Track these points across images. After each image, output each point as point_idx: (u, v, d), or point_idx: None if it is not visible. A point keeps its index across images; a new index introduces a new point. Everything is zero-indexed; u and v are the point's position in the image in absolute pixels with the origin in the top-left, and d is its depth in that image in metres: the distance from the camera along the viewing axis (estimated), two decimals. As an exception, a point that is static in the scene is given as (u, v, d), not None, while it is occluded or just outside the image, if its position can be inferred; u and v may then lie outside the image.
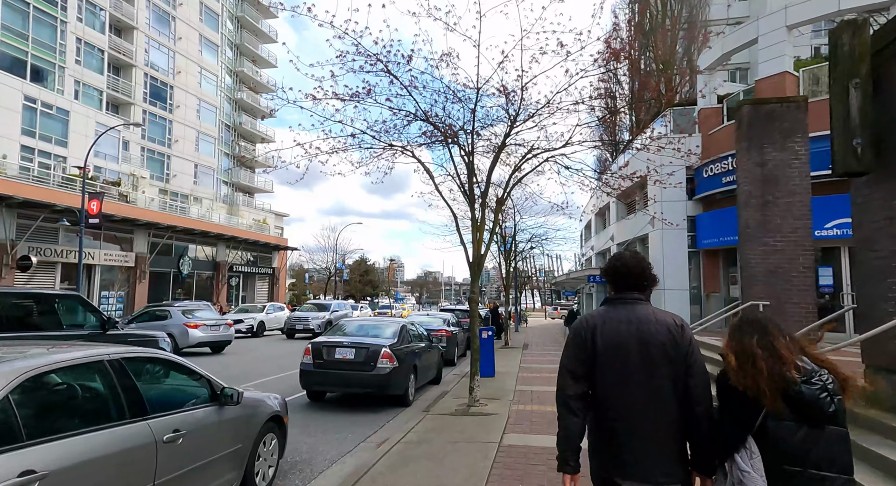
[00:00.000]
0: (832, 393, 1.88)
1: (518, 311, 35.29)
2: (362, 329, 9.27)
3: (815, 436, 1.86)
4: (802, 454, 1.85)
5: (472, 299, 8.20)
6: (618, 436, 2.12)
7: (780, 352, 1.92)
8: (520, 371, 12.48)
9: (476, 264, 8.13)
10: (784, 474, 1.86)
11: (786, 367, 1.88)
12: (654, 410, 2.07)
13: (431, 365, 10.58)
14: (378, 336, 8.90)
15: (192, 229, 32.12)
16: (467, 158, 7.76)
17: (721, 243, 15.87)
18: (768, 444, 1.90)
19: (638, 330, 2.13)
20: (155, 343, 9.90)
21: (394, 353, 8.24)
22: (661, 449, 2.07)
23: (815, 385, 1.87)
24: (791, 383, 1.86)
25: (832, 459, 1.85)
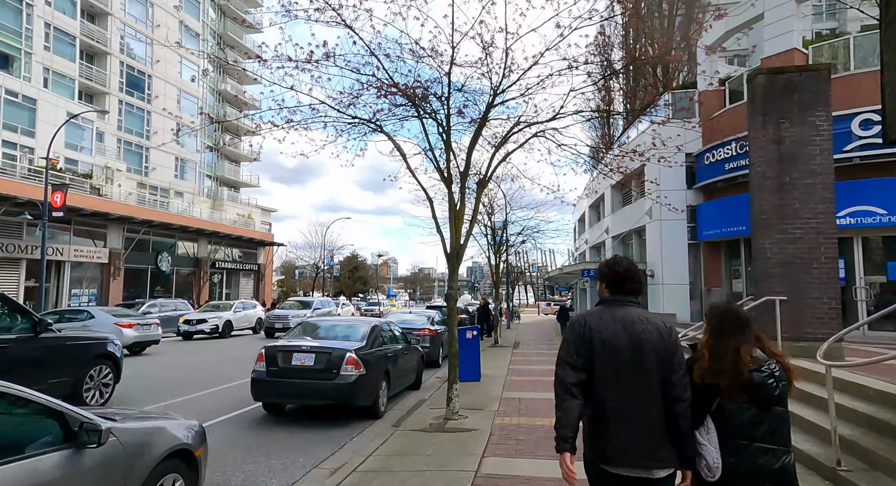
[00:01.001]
0: (778, 379, 2.29)
1: (510, 307, 34.30)
2: (327, 331, 8.17)
3: (762, 416, 2.26)
4: (751, 430, 2.26)
5: (449, 296, 7.13)
6: (611, 426, 2.31)
7: (744, 355, 2.27)
8: (508, 374, 11.44)
9: (454, 255, 7.05)
10: (736, 447, 2.27)
11: (743, 364, 2.25)
12: (644, 403, 2.29)
13: (409, 369, 9.51)
14: (344, 339, 7.81)
15: (171, 224, 30.81)
16: (443, 128, 6.66)
17: (723, 233, 14.89)
18: (723, 422, 2.29)
19: (632, 331, 2.34)
20: (102, 346, 8.51)
21: (361, 358, 7.16)
22: (650, 438, 2.28)
23: (764, 373, 2.28)
24: (745, 374, 2.24)
25: (775, 434, 2.27)
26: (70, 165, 28.83)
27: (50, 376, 6.97)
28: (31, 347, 6.80)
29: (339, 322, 8.53)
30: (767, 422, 2.26)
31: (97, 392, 7.84)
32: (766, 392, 2.26)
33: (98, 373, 7.91)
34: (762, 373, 2.27)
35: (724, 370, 2.26)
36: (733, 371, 2.25)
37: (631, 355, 2.32)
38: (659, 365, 2.31)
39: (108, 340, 8.53)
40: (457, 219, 7.08)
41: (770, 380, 2.27)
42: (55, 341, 7.30)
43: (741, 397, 2.26)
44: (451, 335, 7.10)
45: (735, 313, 2.46)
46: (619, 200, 21.97)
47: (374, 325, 8.34)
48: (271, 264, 45.86)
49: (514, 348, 17.43)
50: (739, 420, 2.27)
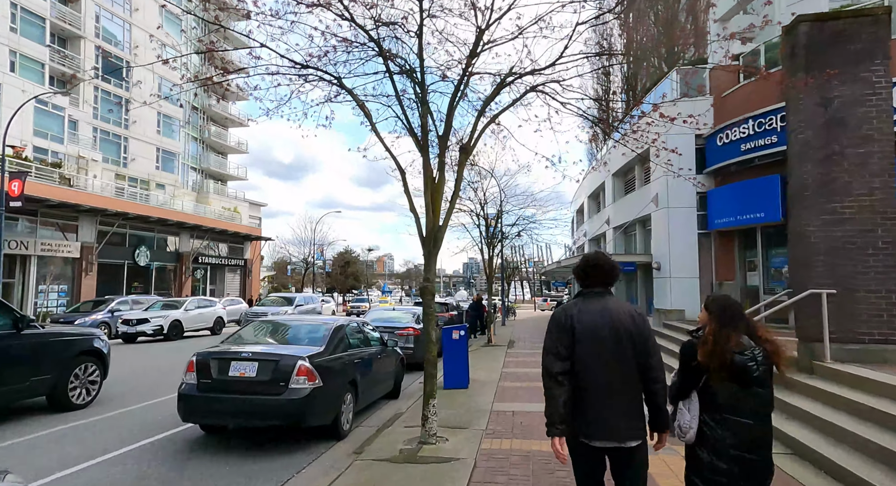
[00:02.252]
0: (759, 363, 2.55)
1: (505, 303, 32.96)
2: (281, 333, 6.77)
3: (742, 394, 2.54)
4: (732, 405, 2.55)
5: (424, 290, 5.74)
6: (593, 404, 2.60)
7: (732, 339, 2.56)
8: (501, 379, 10.08)
9: (431, 239, 5.67)
10: (719, 420, 2.56)
11: (729, 347, 2.54)
12: (622, 382, 2.61)
13: (385, 376, 8.15)
14: (300, 343, 6.43)
15: (148, 217, 29.29)
16: (415, 75, 5.27)
17: (738, 222, 13.56)
18: (708, 397, 2.61)
19: (609, 318, 2.66)
20: (88, 342, 7.82)
21: (317, 366, 5.77)
22: (626, 413, 2.60)
23: (746, 357, 2.55)
24: (728, 357, 2.53)
25: (755, 411, 2.54)
26: (40, 154, 27.22)
27: (32, 373, 6.82)
28: (11, 344, 6.60)
29: (297, 322, 7.12)
30: (746, 400, 2.53)
31: (83, 391, 7.62)
32: (745, 374, 2.53)
33: (83, 371, 7.64)
34: (744, 357, 2.54)
35: (720, 353, 2.53)
36: (721, 355, 2.52)
37: (610, 340, 2.61)
38: (635, 349, 2.61)
39: (94, 336, 8.10)
40: (434, 195, 5.70)
41: (751, 363, 2.53)
42: (38, 338, 7.02)
43: (724, 376, 2.53)
44: (427, 338, 5.72)
45: (734, 306, 2.70)
46: (621, 189, 20.62)
47: (339, 325, 6.94)
48: (259, 259, 44.35)
49: (508, 348, 16.08)
50: (723, 397, 2.55)
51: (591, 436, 2.59)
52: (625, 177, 20.40)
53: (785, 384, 6.44)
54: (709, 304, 2.75)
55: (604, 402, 2.58)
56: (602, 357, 2.59)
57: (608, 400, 2.58)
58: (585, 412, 2.60)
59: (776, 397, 2.80)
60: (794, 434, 5.32)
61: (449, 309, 18.33)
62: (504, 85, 5.58)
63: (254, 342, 6.35)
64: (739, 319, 2.64)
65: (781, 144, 12.05)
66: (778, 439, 5.34)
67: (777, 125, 12.12)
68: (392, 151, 5.69)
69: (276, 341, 6.45)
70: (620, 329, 2.62)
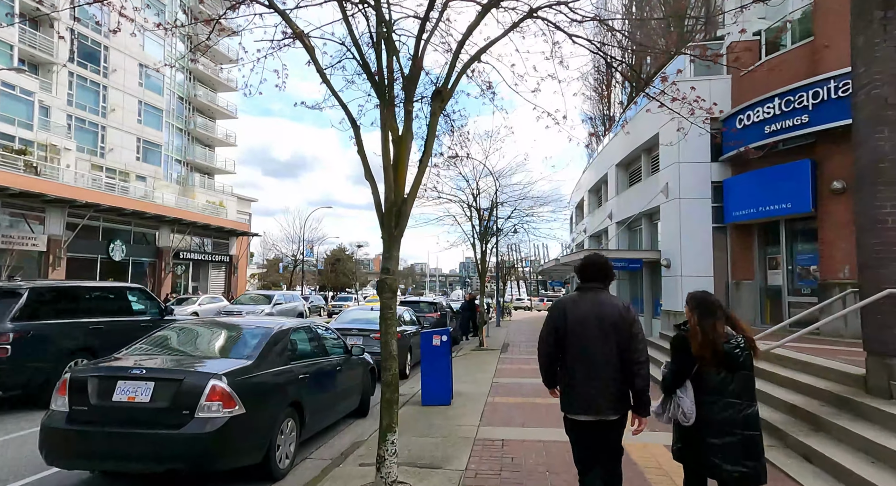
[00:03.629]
0: (742, 350, 2.93)
1: (500, 303, 31.51)
2: (200, 341, 5.25)
3: (730, 377, 2.90)
4: (721, 388, 2.90)
5: (382, 284, 4.22)
6: (580, 384, 3.05)
7: (718, 329, 2.92)
8: (491, 393, 8.58)
9: (393, 215, 4.16)
10: (710, 401, 2.89)
11: (718, 337, 2.91)
12: (605, 366, 3.01)
13: (347, 392, 6.65)
14: (222, 354, 4.92)
15: (123, 209, 27.63)
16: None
17: (758, 214, 12.10)
18: (701, 383, 2.94)
19: (598, 310, 3.08)
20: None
21: (238, 387, 4.27)
22: (604, 391, 3.01)
23: (732, 345, 2.93)
24: (719, 345, 2.89)
25: (741, 392, 2.90)
26: (5, 140, 25.57)
27: None
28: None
29: (228, 327, 5.59)
30: (734, 382, 2.89)
31: None
32: (733, 360, 2.91)
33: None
34: (731, 345, 2.92)
35: (711, 343, 2.89)
36: (713, 344, 2.89)
37: (595, 329, 3.04)
38: (618, 336, 3.02)
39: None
40: (399, 157, 4.19)
41: (736, 350, 2.92)
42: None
43: (714, 363, 2.90)
44: (384, 351, 4.21)
45: (711, 299, 3.08)
46: (625, 181, 19.14)
47: (282, 330, 5.41)
48: (245, 256, 42.73)
49: (501, 352, 14.59)
50: (713, 381, 2.91)
51: (576, 411, 3.07)
52: (629, 168, 18.93)
53: (852, 410, 4.99)
54: (689, 300, 3.12)
55: (586, 381, 3.02)
56: (587, 343, 3.03)
57: (590, 380, 3.01)
58: (574, 389, 3.06)
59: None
60: (868, 475, 3.89)
61: (437, 309, 16.81)
62: (493, 5, 4.07)
63: (157, 354, 4.81)
64: (715, 310, 3.00)
65: (814, 123, 10.61)
66: (842, 481, 4.10)
67: (808, 103, 10.66)
68: (336, 91, 4.16)
69: (191, 353, 4.92)
70: (606, 320, 3.02)
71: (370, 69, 4.06)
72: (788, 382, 6.28)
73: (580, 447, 3.16)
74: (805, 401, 5.55)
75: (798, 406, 5.46)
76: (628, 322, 3.02)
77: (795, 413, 5.46)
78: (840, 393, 5.20)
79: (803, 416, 5.32)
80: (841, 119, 10.14)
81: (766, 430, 5.48)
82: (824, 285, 10.70)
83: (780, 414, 5.63)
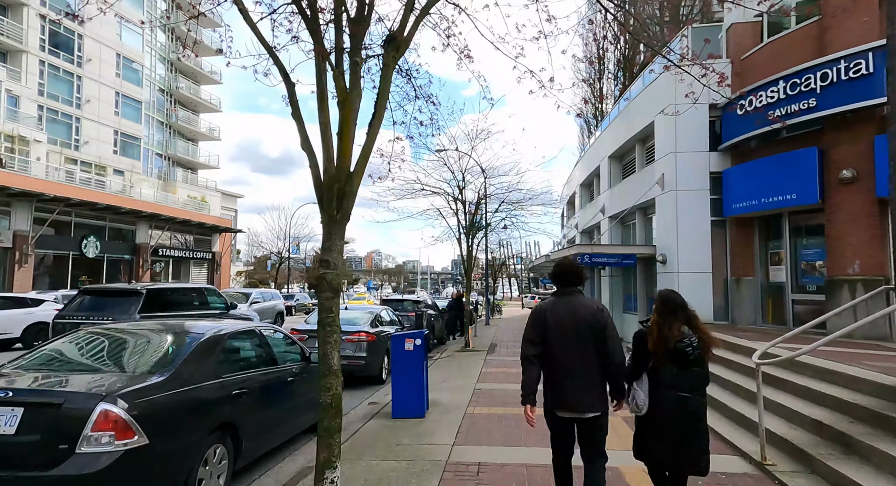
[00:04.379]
0: (695, 348, 3.15)
1: (489, 300, 30.73)
2: (105, 350, 4.31)
3: (683, 373, 3.15)
4: (674, 383, 3.15)
5: (321, 283, 3.33)
6: (560, 382, 3.28)
7: (675, 329, 3.16)
8: (472, 402, 7.72)
9: (334, 192, 3.28)
10: (664, 395, 3.15)
11: (672, 335, 3.14)
12: (583, 364, 3.24)
13: (301, 407, 5.75)
14: (123, 367, 4.00)
15: (95, 204, 26.42)
16: None
17: (760, 206, 11.34)
18: (655, 377, 3.20)
19: (574, 313, 3.28)
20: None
21: (142, 411, 3.39)
22: (586, 390, 3.23)
23: (685, 344, 3.15)
24: (671, 343, 3.14)
25: (692, 387, 3.16)
26: (-31, 131, 24.32)
27: None
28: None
29: (145, 331, 4.67)
30: (685, 378, 3.14)
31: None
32: (684, 357, 3.14)
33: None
34: (683, 344, 3.14)
35: (664, 340, 3.13)
36: (666, 342, 3.13)
37: (573, 331, 3.25)
38: (594, 337, 3.22)
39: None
40: (345, 122, 3.30)
41: (688, 349, 3.14)
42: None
43: (667, 360, 3.15)
44: (322, 365, 3.33)
45: (674, 299, 3.29)
46: (618, 173, 18.36)
47: (215, 335, 4.51)
48: (229, 253, 41.57)
49: (488, 354, 13.75)
50: (667, 376, 3.16)
51: (559, 408, 3.32)
52: (622, 159, 18.14)
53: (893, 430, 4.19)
54: (656, 298, 3.40)
55: (568, 381, 3.26)
56: (566, 344, 3.26)
57: (571, 380, 3.25)
58: (554, 389, 3.31)
59: None
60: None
61: (421, 307, 15.93)
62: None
63: (39, 370, 3.89)
64: (679, 310, 3.24)
65: (823, 107, 9.84)
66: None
67: (817, 85, 9.89)
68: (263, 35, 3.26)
69: (87, 367, 4.01)
70: (582, 322, 3.25)
71: (301, 4, 3.16)
72: (810, 393, 5.48)
73: (558, 438, 3.42)
74: (832, 417, 4.76)
75: (825, 424, 4.65)
76: (601, 324, 3.23)
77: (822, 432, 4.66)
78: (877, 409, 4.40)
79: (832, 436, 4.51)
80: (852, 102, 9.40)
81: (789, 452, 4.67)
82: (832, 281, 9.97)
83: (804, 433, 4.83)
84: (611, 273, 18.25)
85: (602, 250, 14.78)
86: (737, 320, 12.21)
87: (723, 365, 8.09)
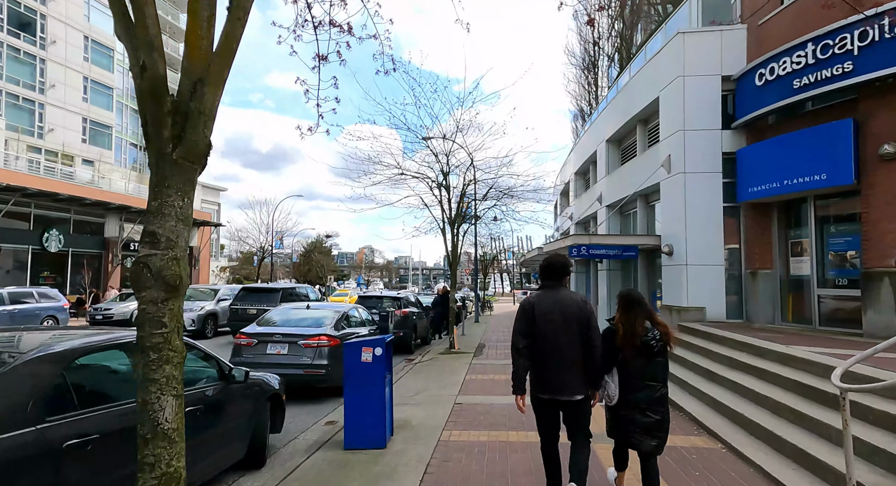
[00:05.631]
0: (658, 341, 3.56)
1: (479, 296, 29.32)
2: None
3: (648, 364, 3.55)
4: (640, 373, 3.55)
5: (139, 273, 1.87)
6: (547, 368, 3.57)
7: (638, 326, 3.55)
8: (449, 421, 6.28)
9: (167, 105, 1.78)
10: (632, 384, 3.56)
11: (637, 330, 3.55)
12: (569, 352, 3.54)
13: (213, 441, 4.27)
14: None
15: (56, 194, 24.63)
16: None
17: (781, 189, 9.98)
18: (624, 368, 3.59)
19: (560, 305, 3.60)
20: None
21: None
22: (571, 375, 3.54)
23: (649, 337, 3.55)
24: (638, 338, 3.54)
25: (656, 376, 3.56)
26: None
27: None
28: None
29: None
30: (651, 368, 3.55)
31: None
32: (649, 350, 3.53)
33: None
34: (648, 337, 3.54)
35: (630, 335, 3.54)
36: (632, 337, 3.53)
37: (559, 322, 3.55)
38: (579, 327, 3.54)
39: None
40: None
41: (652, 341, 3.54)
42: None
43: (634, 353, 3.53)
44: (143, 421, 1.86)
45: (634, 297, 3.70)
46: (617, 158, 16.96)
47: (42, 356, 3.01)
48: (208, 247, 39.81)
49: (475, 357, 12.34)
50: (634, 367, 3.55)
51: (544, 391, 3.60)
52: (622, 143, 16.74)
53: None
54: (618, 298, 3.77)
55: (554, 367, 3.55)
56: (553, 334, 3.55)
57: (557, 366, 3.54)
58: (540, 375, 3.60)
59: None
60: None
61: (402, 305, 14.45)
62: None
63: None
64: (639, 307, 3.61)
65: (860, 72, 8.46)
66: None
67: (854, 46, 8.51)
68: None
69: None
70: (567, 313, 3.55)
71: None
72: (888, 419, 4.09)
73: (544, 422, 3.71)
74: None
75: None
76: (585, 314, 3.57)
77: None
78: None
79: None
80: (897, 64, 8.02)
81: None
82: (869, 274, 8.62)
83: (877, 474, 3.43)
84: (608, 267, 16.88)
85: (601, 240, 13.38)
86: (752, 318, 10.88)
87: (752, 374, 6.72)
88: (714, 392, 6.68)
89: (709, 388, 6.93)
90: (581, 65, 30.32)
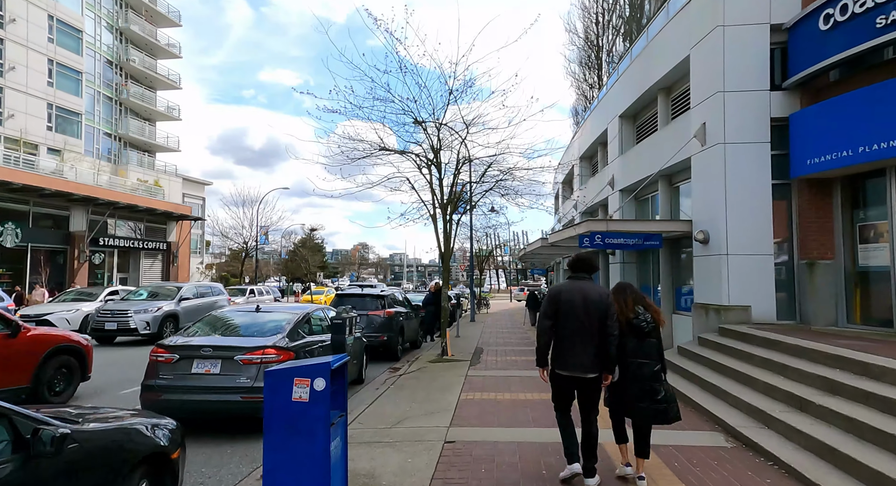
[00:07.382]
0: (648, 323, 4.09)
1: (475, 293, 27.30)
2: None
3: (641, 343, 4.07)
4: (635, 351, 4.06)
5: None
6: (567, 348, 4.06)
7: (628, 305, 4.15)
8: (433, 481, 4.24)
9: None
10: (627, 362, 4.06)
11: (629, 311, 4.12)
12: (588, 335, 4.02)
13: None
14: None
15: (10, 183, 22.39)
16: None
17: (849, 159, 8.01)
18: (621, 348, 4.03)
19: (583, 295, 4.08)
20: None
21: None
22: (587, 355, 4.02)
23: (640, 319, 4.09)
24: (630, 318, 4.10)
25: (649, 354, 4.07)
26: None
27: None
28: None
29: None
30: (643, 347, 4.06)
31: None
32: (640, 330, 4.08)
33: None
34: (638, 319, 4.09)
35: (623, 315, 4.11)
36: (625, 317, 4.10)
37: (581, 308, 4.04)
38: (598, 315, 4.01)
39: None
40: None
41: (642, 323, 4.08)
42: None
43: (628, 333, 4.06)
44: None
45: (623, 284, 4.43)
46: (632, 136, 14.94)
47: None
48: (188, 242, 37.55)
49: (471, 365, 10.32)
50: (629, 346, 4.05)
51: (563, 368, 4.09)
52: (637, 118, 14.73)
53: None
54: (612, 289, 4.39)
55: (573, 347, 4.03)
56: (574, 318, 4.03)
57: (576, 346, 4.02)
58: (561, 353, 4.09)
59: None
60: None
61: (386, 304, 12.40)
62: None
63: None
64: (628, 290, 4.29)
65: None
66: None
67: (967, -36, 6.51)
68: None
69: None
70: (589, 301, 4.04)
71: None
72: None
73: (561, 395, 4.22)
74: None
75: None
76: (605, 305, 4.05)
77: None
78: None
79: None
80: None
81: None
82: (981, 263, 6.66)
83: None
84: (622, 260, 14.89)
85: (619, 227, 11.36)
86: (809, 319, 8.92)
87: (862, 403, 4.73)
88: (813, 430, 4.69)
89: (802, 423, 4.93)
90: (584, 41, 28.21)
